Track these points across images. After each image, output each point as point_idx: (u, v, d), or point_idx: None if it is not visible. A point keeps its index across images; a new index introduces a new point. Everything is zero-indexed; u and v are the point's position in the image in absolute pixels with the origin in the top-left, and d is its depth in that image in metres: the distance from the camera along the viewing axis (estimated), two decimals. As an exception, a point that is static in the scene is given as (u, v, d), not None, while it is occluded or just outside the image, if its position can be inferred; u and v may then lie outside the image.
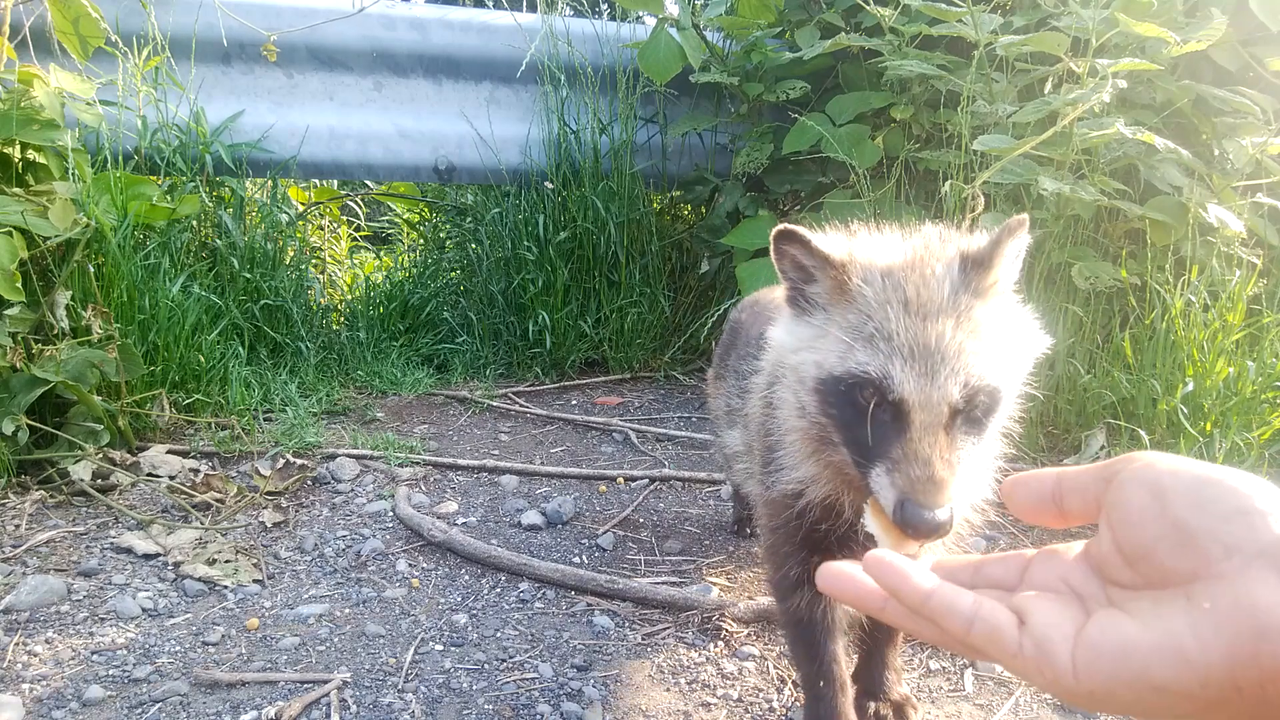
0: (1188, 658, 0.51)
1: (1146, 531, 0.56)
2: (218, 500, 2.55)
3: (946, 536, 1.06)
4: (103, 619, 1.97)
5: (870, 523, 1.09)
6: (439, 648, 1.92)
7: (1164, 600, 0.54)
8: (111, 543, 2.29)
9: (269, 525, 2.46)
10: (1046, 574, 0.65)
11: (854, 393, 1.17)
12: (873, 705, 1.66)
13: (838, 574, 0.67)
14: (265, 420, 3.22)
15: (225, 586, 2.13)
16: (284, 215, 4.05)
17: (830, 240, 1.30)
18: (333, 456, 2.91)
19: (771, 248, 1.29)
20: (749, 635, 1.99)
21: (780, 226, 1.27)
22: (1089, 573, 0.63)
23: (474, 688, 1.77)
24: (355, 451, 2.98)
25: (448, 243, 4.71)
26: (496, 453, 3.16)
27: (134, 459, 2.72)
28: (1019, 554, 0.68)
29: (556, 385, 3.95)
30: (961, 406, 1.13)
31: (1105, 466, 0.63)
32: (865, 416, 1.16)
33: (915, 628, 0.64)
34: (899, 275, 1.19)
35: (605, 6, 4.87)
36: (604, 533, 2.52)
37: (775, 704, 1.76)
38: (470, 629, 2.00)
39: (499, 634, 1.98)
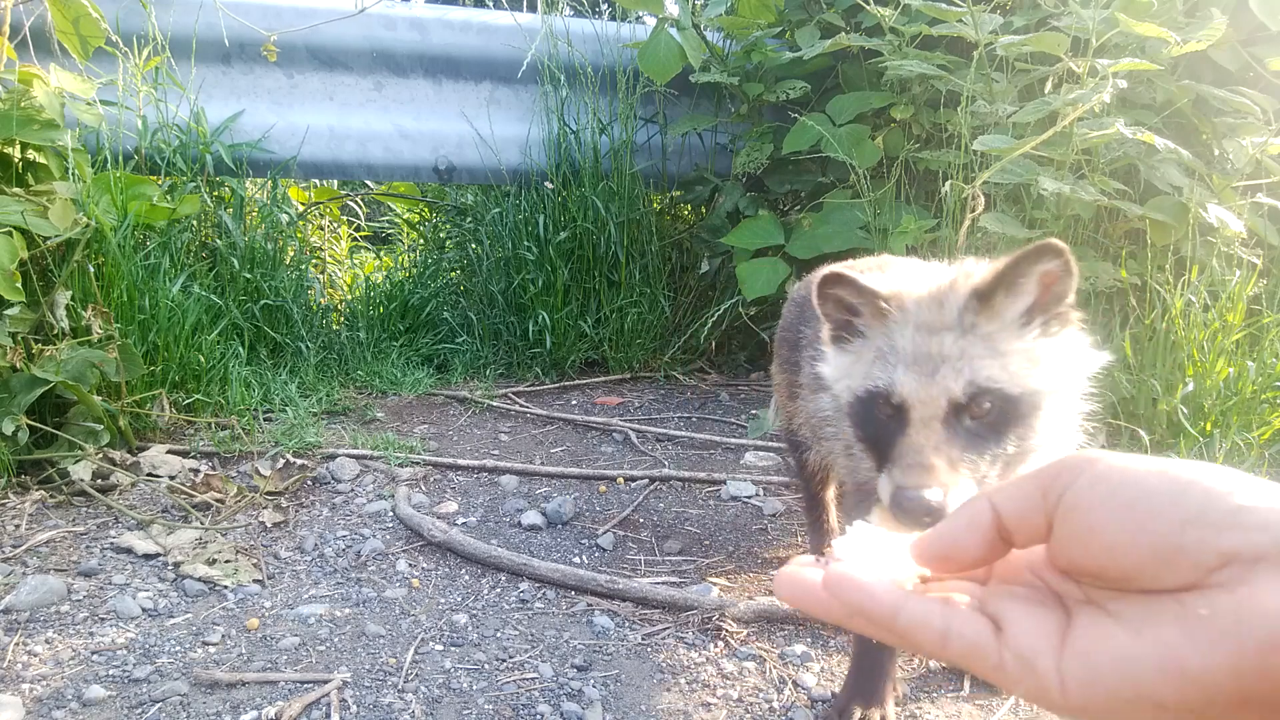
0: (1190, 673, 0.47)
1: (1123, 555, 0.52)
2: (218, 500, 2.55)
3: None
4: (103, 619, 1.97)
5: (874, 519, 1.11)
6: (439, 648, 1.92)
7: (1154, 605, 0.50)
8: (111, 543, 2.29)
9: (269, 525, 2.46)
10: (1016, 564, 0.60)
11: (872, 407, 1.25)
12: (857, 712, 1.66)
13: (798, 583, 0.61)
14: (265, 420, 3.22)
15: (225, 586, 2.13)
16: (284, 215, 4.04)
17: (874, 277, 1.38)
18: (333, 456, 2.91)
19: (815, 294, 1.36)
20: (749, 635, 1.99)
21: (826, 272, 1.34)
22: (1059, 571, 0.58)
23: (474, 688, 1.77)
24: (355, 451, 2.98)
25: (448, 243, 4.71)
26: (496, 453, 3.16)
27: (134, 459, 2.73)
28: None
29: (556, 385, 3.95)
30: (964, 402, 1.18)
31: (1043, 481, 0.56)
32: (879, 424, 1.25)
33: (885, 640, 0.60)
34: (921, 302, 1.27)
35: (605, 6, 4.88)
36: (604, 533, 2.52)
37: (775, 704, 1.76)
38: (470, 629, 2.00)
39: (499, 634, 1.98)
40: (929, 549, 0.61)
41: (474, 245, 4.28)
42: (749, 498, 2.80)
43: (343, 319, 4.27)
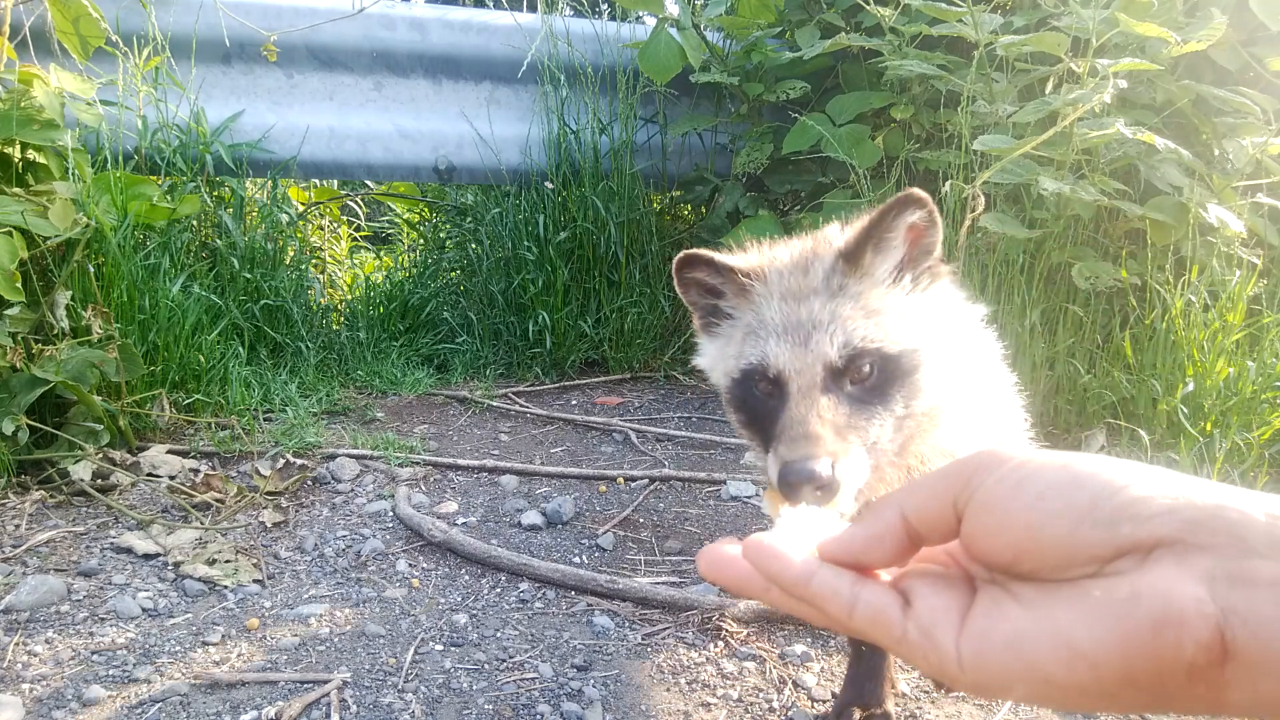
0: (1080, 651, 0.49)
1: (1026, 551, 0.53)
2: (218, 500, 2.55)
3: (837, 496, 1.01)
4: (103, 619, 1.97)
5: (767, 509, 1.07)
6: (439, 648, 1.92)
7: (1053, 590, 0.52)
8: (111, 543, 2.29)
9: (269, 525, 2.46)
10: (934, 550, 0.62)
11: (750, 386, 1.21)
12: (857, 713, 1.65)
13: (718, 557, 0.63)
14: (265, 420, 3.22)
15: (225, 586, 2.13)
16: (284, 215, 4.05)
17: (733, 256, 1.34)
18: (333, 456, 2.91)
19: (676, 281, 1.32)
20: (749, 635, 1.99)
21: (682, 254, 1.30)
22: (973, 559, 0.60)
23: (474, 688, 1.77)
24: (355, 451, 2.98)
25: (448, 243, 4.71)
26: (496, 453, 3.16)
27: (134, 459, 2.72)
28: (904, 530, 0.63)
29: (556, 385, 3.95)
30: (841, 366, 1.13)
31: (953, 482, 0.57)
32: (758, 403, 1.19)
33: (799, 611, 0.61)
34: (785, 272, 1.23)
35: (605, 6, 4.87)
36: (604, 533, 2.52)
37: (775, 704, 1.76)
38: (470, 629, 2.00)
39: (499, 634, 1.98)
40: (840, 554, 0.61)
41: (474, 245, 4.28)
42: (749, 498, 2.80)
43: (343, 319, 4.27)
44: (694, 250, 1.30)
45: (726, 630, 1.99)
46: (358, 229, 5.19)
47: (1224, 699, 0.47)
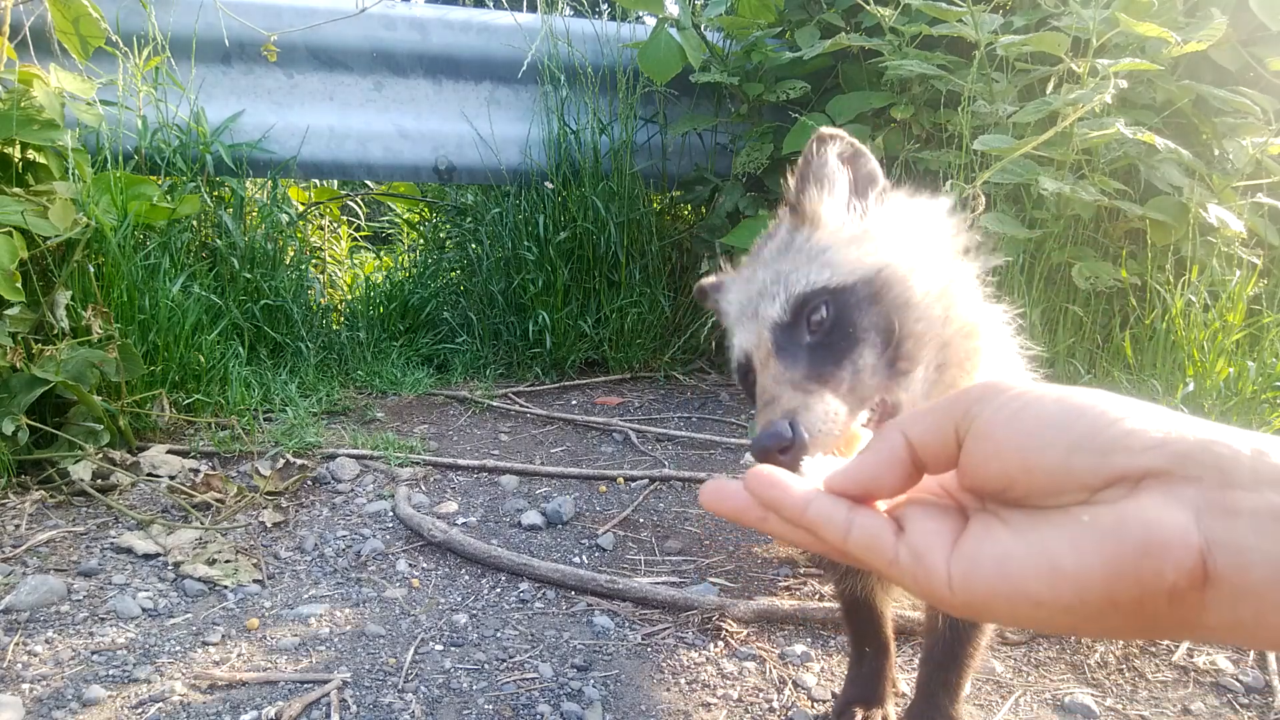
0: (1065, 573, 0.50)
1: (1019, 478, 0.55)
2: (218, 500, 2.55)
3: (812, 446, 0.94)
4: (103, 619, 1.97)
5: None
6: (439, 648, 1.92)
7: (1041, 515, 0.54)
8: (111, 543, 2.29)
9: (269, 525, 2.46)
10: (928, 481, 0.63)
11: (742, 380, 1.20)
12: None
13: (719, 486, 0.65)
14: (265, 420, 3.22)
15: (225, 586, 2.13)
16: (284, 215, 4.05)
17: (720, 272, 1.37)
18: (333, 456, 2.91)
19: (700, 299, 1.39)
20: (749, 635, 1.99)
21: (698, 285, 1.36)
22: (966, 490, 0.61)
23: (474, 688, 1.77)
24: (355, 451, 2.98)
25: (448, 243, 4.71)
26: (496, 453, 3.16)
27: (134, 459, 2.72)
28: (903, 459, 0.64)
29: (556, 385, 3.95)
30: (788, 320, 1.08)
31: (954, 410, 0.59)
32: (753, 396, 1.14)
33: (795, 538, 0.63)
34: (741, 265, 1.25)
35: (605, 6, 4.87)
36: (604, 533, 2.52)
37: (775, 704, 1.76)
38: (470, 629, 2.00)
39: (499, 634, 1.98)
40: (847, 483, 0.63)
41: (474, 245, 4.28)
42: (749, 498, 2.80)
43: (343, 319, 4.27)
44: (708, 280, 1.33)
45: (726, 630, 1.99)
46: (358, 229, 5.19)
47: (1201, 621, 0.50)
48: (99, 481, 2.59)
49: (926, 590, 0.56)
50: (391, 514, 2.57)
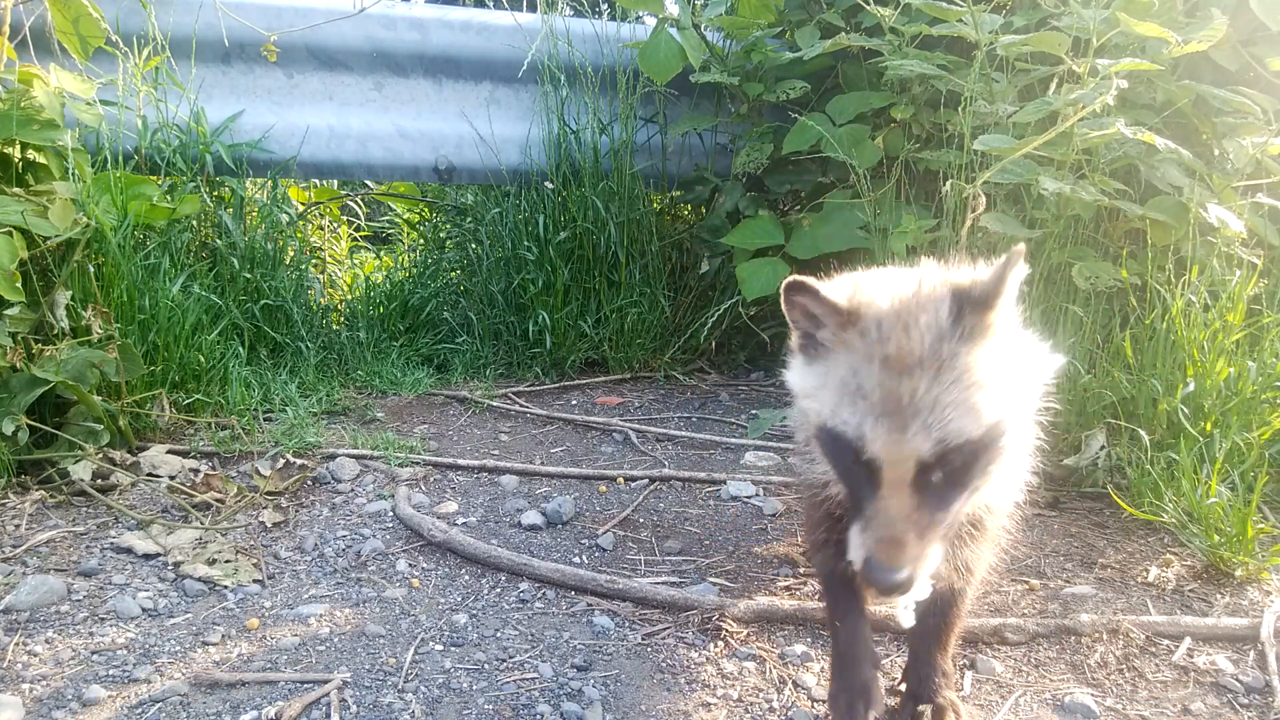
0: None
1: None
2: (218, 500, 2.55)
3: (911, 591, 1.13)
4: (103, 619, 1.97)
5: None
6: (439, 648, 1.92)
7: None
8: (111, 543, 2.29)
9: (269, 525, 2.46)
10: None
11: (839, 445, 1.23)
12: (917, 707, 1.64)
13: None
14: (265, 420, 3.22)
15: (225, 586, 2.13)
16: (284, 215, 4.05)
17: (837, 286, 1.33)
18: (333, 456, 2.91)
19: (782, 299, 1.33)
20: (749, 635, 1.99)
21: (790, 279, 1.30)
22: None
23: (474, 688, 1.77)
24: (355, 451, 2.98)
25: (448, 243, 4.71)
26: (496, 453, 3.16)
27: (134, 459, 2.73)
28: None
29: (556, 385, 3.95)
30: (932, 461, 1.15)
31: None
32: (848, 468, 1.24)
33: None
34: (886, 326, 1.21)
35: (605, 6, 4.87)
36: (604, 533, 2.52)
37: (775, 704, 1.76)
38: (470, 629, 2.00)
39: (499, 634, 1.98)
40: None
41: (474, 245, 4.28)
42: (749, 498, 2.80)
43: (343, 319, 4.27)
44: (802, 278, 1.28)
45: (726, 630, 1.99)
46: (358, 229, 5.19)
47: None
48: (99, 481, 2.59)
49: None
50: (391, 514, 2.57)
